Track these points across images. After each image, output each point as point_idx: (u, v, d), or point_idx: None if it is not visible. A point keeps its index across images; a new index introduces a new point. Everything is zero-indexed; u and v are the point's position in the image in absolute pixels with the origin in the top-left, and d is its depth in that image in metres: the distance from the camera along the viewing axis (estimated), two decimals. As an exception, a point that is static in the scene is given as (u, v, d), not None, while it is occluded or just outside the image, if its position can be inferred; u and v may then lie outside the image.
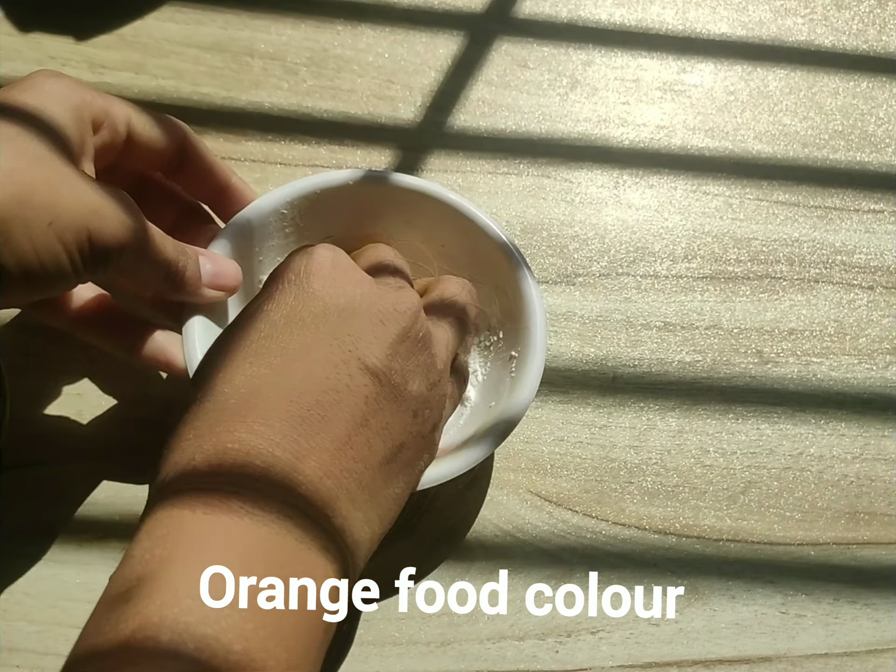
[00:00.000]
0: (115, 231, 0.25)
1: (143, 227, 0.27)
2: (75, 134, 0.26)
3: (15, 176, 0.23)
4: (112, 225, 0.25)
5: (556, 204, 0.41)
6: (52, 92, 0.26)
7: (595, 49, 0.44)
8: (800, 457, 0.37)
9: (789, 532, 0.36)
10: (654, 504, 0.36)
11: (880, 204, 0.42)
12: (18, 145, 0.24)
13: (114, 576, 0.21)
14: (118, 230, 0.25)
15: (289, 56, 0.42)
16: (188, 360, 0.29)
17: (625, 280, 0.39)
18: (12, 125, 0.24)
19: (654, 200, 0.41)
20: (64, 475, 0.34)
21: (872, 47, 0.45)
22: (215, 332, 0.31)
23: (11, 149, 0.24)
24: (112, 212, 0.25)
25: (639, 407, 0.37)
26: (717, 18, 0.45)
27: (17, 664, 0.31)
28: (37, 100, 0.26)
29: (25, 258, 0.23)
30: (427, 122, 0.42)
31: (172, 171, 0.32)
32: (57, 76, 0.27)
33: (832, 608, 0.34)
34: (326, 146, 0.41)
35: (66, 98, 0.26)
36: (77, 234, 0.24)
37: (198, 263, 0.29)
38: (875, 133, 0.43)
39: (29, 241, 0.23)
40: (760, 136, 0.43)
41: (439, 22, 0.43)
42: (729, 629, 0.34)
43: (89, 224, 0.24)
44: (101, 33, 0.41)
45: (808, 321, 0.39)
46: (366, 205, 0.34)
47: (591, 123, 0.42)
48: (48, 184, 0.24)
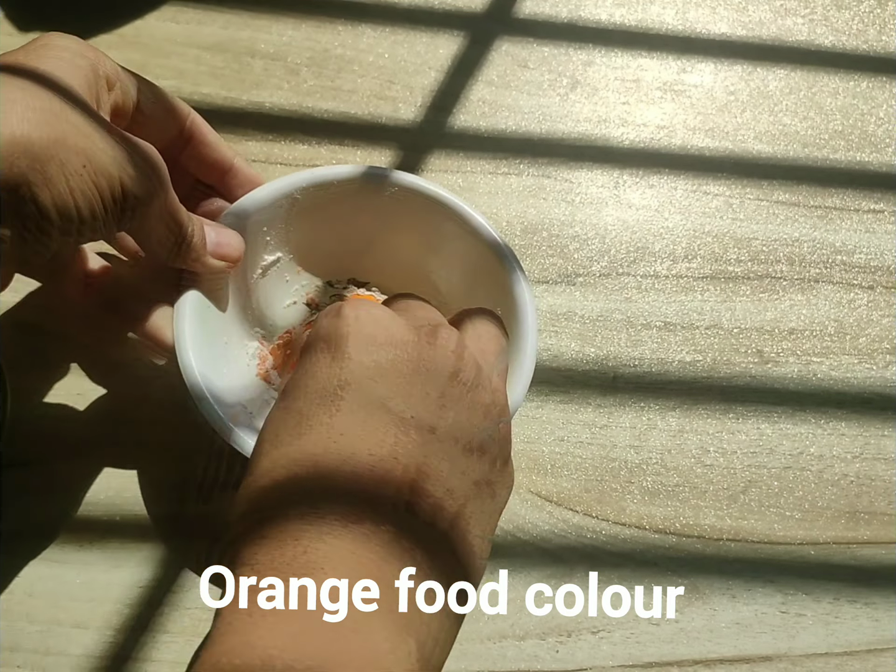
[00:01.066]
0: (144, 181, 0.26)
1: (167, 183, 0.27)
2: (94, 87, 0.27)
3: (49, 117, 0.23)
4: (142, 175, 0.26)
5: (557, 204, 0.41)
6: (68, 47, 0.27)
7: (595, 49, 0.44)
8: (800, 456, 0.37)
9: (789, 531, 0.36)
10: (654, 503, 0.36)
11: (880, 204, 0.42)
12: (49, 89, 0.24)
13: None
14: (147, 181, 0.26)
15: (290, 56, 0.42)
16: (176, 336, 0.30)
17: (625, 280, 0.39)
18: (39, 73, 0.25)
19: (655, 200, 0.41)
20: (64, 475, 0.34)
21: (872, 47, 0.45)
22: (210, 310, 0.32)
23: (42, 92, 0.24)
24: (142, 162, 0.26)
25: (639, 407, 0.37)
26: (717, 18, 0.45)
27: (19, 664, 0.31)
28: (57, 55, 0.26)
29: (62, 199, 0.24)
30: (427, 122, 0.42)
31: (178, 150, 0.32)
32: (68, 36, 0.28)
33: (832, 607, 0.34)
34: (327, 146, 0.41)
35: (82, 54, 0.27)
36: (109, 179, 0.25)
37: (203, 231, 0.30)
38: (875, 133, 0.43)
39: (65, 181, 0.24)
40: (760, 136, 0.43)
41: (440, 22, 0.44)
42: (729, 628, 0.34)
43: (121, 172, 0.25)
44: (102, 33, 0.41)
45: (808, 321, 0.39)
46: (368, 202, 0.34)
47: (592, 123, 0.42)
48: (81, 129, 0.24)
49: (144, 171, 0.26)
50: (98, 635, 0.32)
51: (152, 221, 0.27)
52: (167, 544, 0.33)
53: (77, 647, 0.31)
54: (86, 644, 0.31)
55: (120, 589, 0.32)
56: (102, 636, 0.32)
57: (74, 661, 0.31)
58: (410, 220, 0.34)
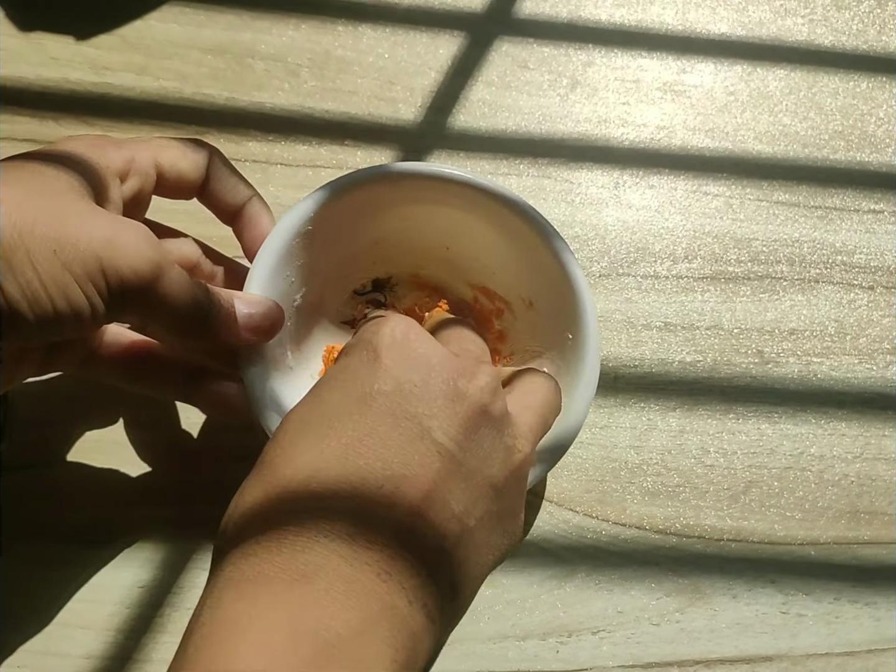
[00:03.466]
0: (131, 262, 0.24)
1: (163, 259, 0.25)
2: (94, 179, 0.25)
3: (19, 208, 0.22)
4: (128, 255, 0.24)
5: (557, 204, 0.41)
6: (68, 145, 0.26)
7: (595, 49, 0.44)
8: (801, 456, 0.37)
9: (790, 532, 0.36)
10: (655, 504, 0.36)
11: (880, 204, 0.42)
12: (28, 184, 0.23)
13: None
14: (135, 261, 0.24)
15: (290, 57, 0.42)
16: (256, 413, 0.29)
17: (625, 280, 0.39)
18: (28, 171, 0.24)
19: (655, 201, 0.41)
20: (66, 477, 0.34)
21: (872, 47, 0.45)
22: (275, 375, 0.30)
23: (21, 187, 0.23)
24: (127, 241, 0.24)
25: (640, 407, 0.37)
26: (717, 18, 0.45)
27: (20, 665, 0.31)
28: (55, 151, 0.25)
29: (31, 289, 0.22)
30: (428, 123, 0.42)
31: (198, 194, 0.30)
32: (78, 137, 0.27)
33: (833, 607, 0.34)
34: (328, 147, 0.41)
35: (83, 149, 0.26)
36: (85, 263, 0.23)
37: (233, 306, 0.28)
38: (875, 133, 0.43)
39: (33, 270, 0.22)
40: (760, 137, 0.43)
41: (440, 23, 0.44)
42: (730, 629, 0.34)
43: (100, 253, 0.23)
44: (104, 35, 0.41)
45: (808, 321, 0.39)
46: (384, 202, 0.33)
47: (592, 124, 0.42)
48: (54, 215, 0.23)
49: (133, 250, 0.24)
50: (99, 636, 0.32)
51: (160, 303, 0.25)
52: (168, 546, 0.33)
53: (78, 647, 0.31)
54: (87, 645, 0.32)
55: (121, 590, 0.32)
56: (103, 637, 0.32)
57: (75, 661, 0.31)
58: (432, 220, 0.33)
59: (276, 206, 0.39)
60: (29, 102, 0.40)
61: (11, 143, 0.39)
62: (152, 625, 0.32)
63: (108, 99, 0.40)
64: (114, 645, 0.32)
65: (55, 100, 0.40)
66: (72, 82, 0.40)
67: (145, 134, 0.40)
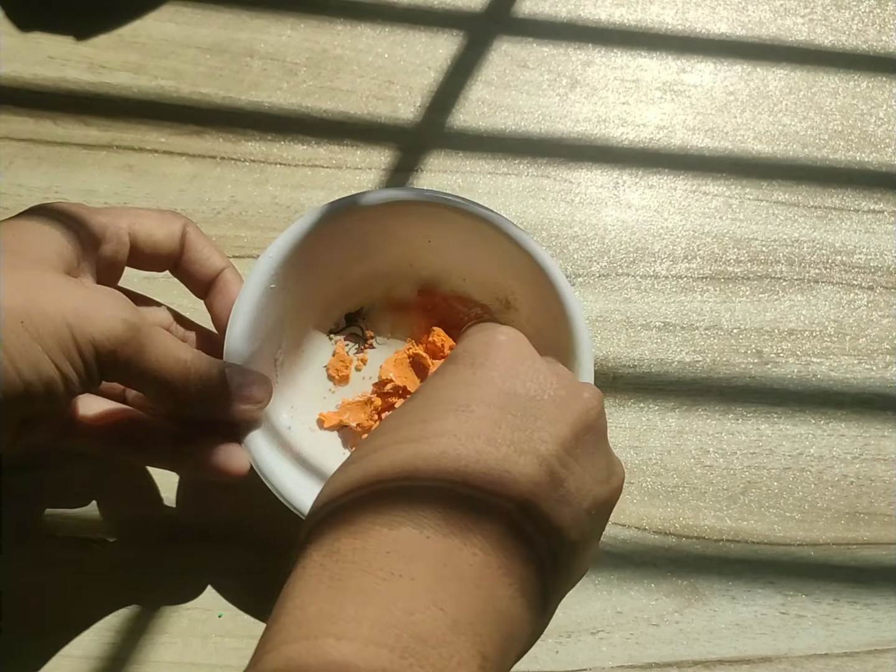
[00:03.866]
0: (102, 326, 0.23)
1: (141, 320, 0.24)
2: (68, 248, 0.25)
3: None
4: (100, 320, 0.23)
5: (556, 204, 0.41)
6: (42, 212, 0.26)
7: (595, 49, 0.44)
8: (799, 457, 0.37)
9: (789, 532, 0.36)
10: (654, 504, 0.36)
11: (880, 204, 0.42)
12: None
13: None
14: (108, 323, 0.23)
15: (288, 56, 0.42)
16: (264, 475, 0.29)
17: (624, 280, 0.39)
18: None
19: (654, 201, 0.41)
20: (66, 478, 0.34)
21: (872, 47, 0.45)
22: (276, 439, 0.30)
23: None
24: (98, 306, 0.23)
25: (639, 407, 0.37)
26: (716, 18, 0.45)
27: (20, 665, 0.31)
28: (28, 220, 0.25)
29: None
30: (427, 122, 0.42)
31: (172, 266, 0.30)
32: (53, 204, 0.26)
33: (832, 608, 0.34)
34: (326, 146, 0.41)
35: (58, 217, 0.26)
36: (56, 333, 0.22)
37: (224, 374, 0.27)
38: (875, 133, 0.43)
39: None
40: (760, 136, 0.43)
41: (439, 22, 0.43)
42: (729, 629, 0.34)
43: (70, 321, 0.23)
44: (101, 34, 0.41)
45: (807, 321, 0.39)
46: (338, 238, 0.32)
47: (591, 123, 0.42)
48: (21, 287, 0.23)
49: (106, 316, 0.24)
50: (99, 636, 0.32)
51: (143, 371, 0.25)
52: (166, 546, 0.33)
53: (76, 648, 0.31)
54: (85, 645, 0.32)
55: (120, 591, 0.32)
56: (103, 637, 0.32)
57: (74, 662, 0.31)
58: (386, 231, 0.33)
59: (274, 205, 0.39)
60: (26, 101, 0.40)
61: (9, 142, 0.39)
62: (150, 625, 0.32)
63: (105, 98, 0.40)
64: (113, 645, 0.32)
65: (52, 99, 0.40)
66: (69, 81, 0.40)
67: (144, 133, 0.40)
